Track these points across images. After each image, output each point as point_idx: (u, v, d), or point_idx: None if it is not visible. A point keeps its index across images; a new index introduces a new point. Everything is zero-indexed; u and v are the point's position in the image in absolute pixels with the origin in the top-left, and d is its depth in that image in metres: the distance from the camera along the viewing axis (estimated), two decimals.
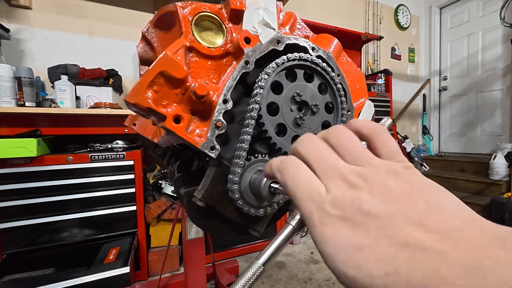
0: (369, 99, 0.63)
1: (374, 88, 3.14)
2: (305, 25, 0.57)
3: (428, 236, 0.16)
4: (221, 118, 0.41)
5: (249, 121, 0.42)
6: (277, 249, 0.24)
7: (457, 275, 0.14)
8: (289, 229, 0.24)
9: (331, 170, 0.20)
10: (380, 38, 3.24)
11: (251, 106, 0.43)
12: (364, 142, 0.23)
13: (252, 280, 0.23)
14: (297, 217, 0.24)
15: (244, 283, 0.22)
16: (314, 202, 0.19)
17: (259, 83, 0.43)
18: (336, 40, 0.59)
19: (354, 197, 0.18)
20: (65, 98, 1.64)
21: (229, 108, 0.42)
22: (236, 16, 0.45)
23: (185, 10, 0.42)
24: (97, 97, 1.84)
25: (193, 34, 0.42)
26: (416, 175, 0.19)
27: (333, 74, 0.50)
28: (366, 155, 0.21)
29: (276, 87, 0.46)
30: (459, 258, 0.14)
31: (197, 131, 0.41)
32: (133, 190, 1.73)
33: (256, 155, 0.44)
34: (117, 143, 1.76)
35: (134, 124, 0.95)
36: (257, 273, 0.23)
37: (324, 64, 0.49)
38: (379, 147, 0.22)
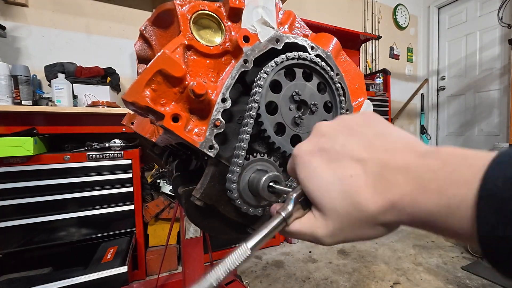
0: (368, 99, 0.63)
1: (372, 87, 3.14)
2: (304, 24, 0.57)
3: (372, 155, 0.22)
4: (220, 117, 0.41)
5: (248, 120, 0.42)
6: (266, 236, 0.25)
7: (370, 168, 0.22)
8: (279, 219, 0.26)
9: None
10: (378, 37, 3.24)
11: (250, 105, 0.42)
12: None
13: (238, 262, 0.23)
14: (288, 207, 0.26)
15: (231, 263, 0.23)
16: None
17: (258, 82, 0.43)
18: (335, 39, 0.59)
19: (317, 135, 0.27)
20: (62, 96, 1.63)
21: (228, 107, 0.41)
22: (235, 15, 0.45)
23: (184, 8, 0.41)
24: (95, 95, 1.83)
25: (191, 33, 0.42)
26: (370, 113, 0.26)
27: (332, 73, 0.50)
28: None
29: (275, 86, 0.45)
30: (378, 161, 0.22)
31: (196, 130, 0.41)
32: (131, 189, 1.72)
33: (255, 154, 0.44)
34: (114, 142, 1.75)
35: (132, 123, 0.94)
36: (243, 256, 0.24)
37: (323, 63, 0.49)
38: None
